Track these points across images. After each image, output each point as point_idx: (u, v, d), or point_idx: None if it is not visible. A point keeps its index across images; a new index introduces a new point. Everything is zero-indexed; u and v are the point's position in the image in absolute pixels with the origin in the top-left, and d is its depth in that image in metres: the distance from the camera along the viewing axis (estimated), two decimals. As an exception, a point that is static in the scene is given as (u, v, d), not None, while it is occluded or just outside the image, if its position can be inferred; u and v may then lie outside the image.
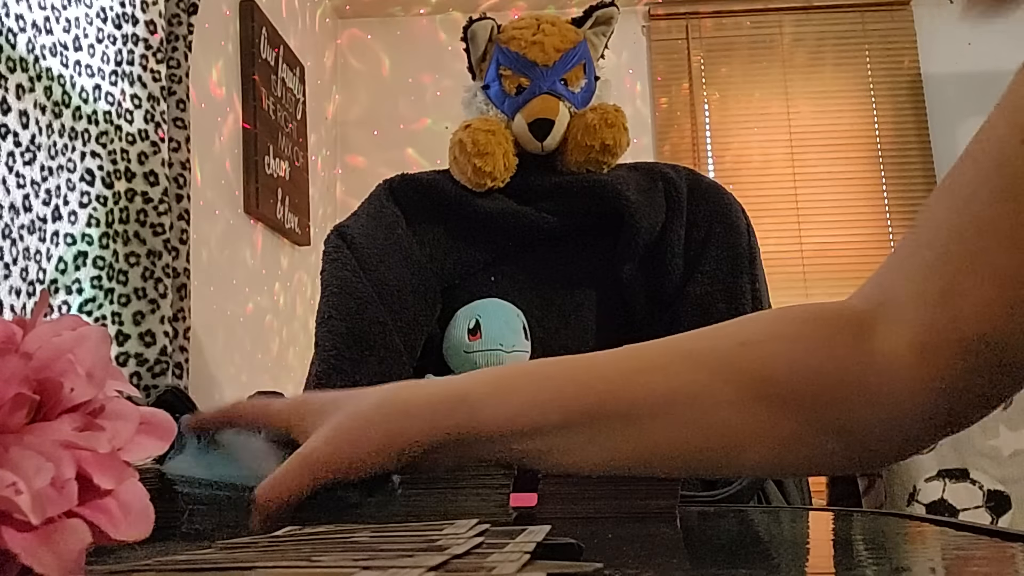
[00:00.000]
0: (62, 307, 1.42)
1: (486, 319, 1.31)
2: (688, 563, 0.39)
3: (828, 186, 3.17)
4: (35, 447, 0.25)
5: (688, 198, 1.40)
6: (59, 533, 0.25)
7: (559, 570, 0.25)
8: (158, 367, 1.54)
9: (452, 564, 0.26)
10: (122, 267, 1.54)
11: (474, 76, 1.49)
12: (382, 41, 3.34)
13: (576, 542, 0.32)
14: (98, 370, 0.29)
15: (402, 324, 1.30)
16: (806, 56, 3.26)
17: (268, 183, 2.36)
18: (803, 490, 1.31)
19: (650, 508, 0.67)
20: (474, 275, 1.41)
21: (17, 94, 1.30)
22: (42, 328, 0.29)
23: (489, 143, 1.34)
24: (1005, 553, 0.37)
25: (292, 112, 2.63)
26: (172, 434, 0.31)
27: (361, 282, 1.29)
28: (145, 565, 0.28)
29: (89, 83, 1.49)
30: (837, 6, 3.27)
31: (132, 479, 0.28)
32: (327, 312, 1.28)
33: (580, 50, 1.42)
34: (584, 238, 1.41)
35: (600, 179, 1.39)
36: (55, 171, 1.39)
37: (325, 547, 0.30)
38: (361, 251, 1.32)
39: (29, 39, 1.34)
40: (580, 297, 1.41)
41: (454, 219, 1.39)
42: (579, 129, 1.37)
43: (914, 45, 3.23)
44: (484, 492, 0.58)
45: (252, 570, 0.26)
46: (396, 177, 1.44)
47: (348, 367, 1.23)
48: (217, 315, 2.08)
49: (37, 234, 1.35)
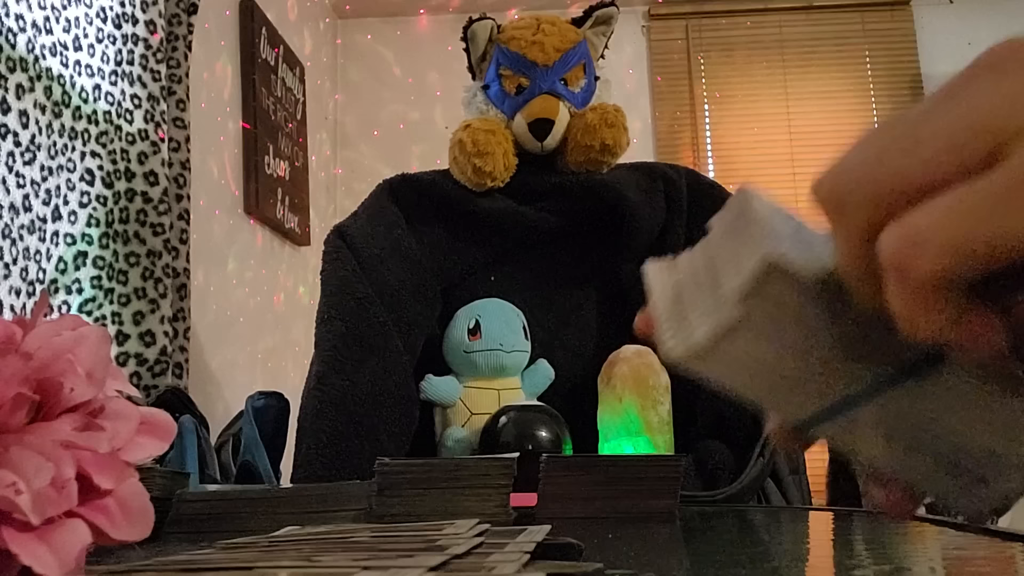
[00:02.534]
0: (62, 307, 1.42)
1: (486, 319, 1.31)
2: (688, 563, 0.39)
3: (828, 186, 3.16)
4: (35, 447, 0.25)
5: (688, 198, 1.40)
6: (59, 533, 0.25)
7: (559, 570, 0.25)
8: (158, 367, 1.54)
9: (452, 564, 0.25)
10: (122, 267, 1.54)
11: (474, 76, 1.49)
12: (382, 41, 3.34)
13: (576, 542, 0.32)
14: (98, 370, 0.29)
15: (402, 324, 1.30)
16: (806, 56, 3.26)
17: (268, 183, 2.36)
18: (803, 490, 1.31)
19: (650, 508, 0.67)
20: (474, 275, 1.41)
21: (17, 94, 1.30)
22: (42, 328, 0.29)
23: (489, 143, 1.34)
24: (1005, 553, 0.37)
25: (292, 112, 2.63)
26: (172, 434, 0.31)
27: (361, 282, 1.29)
28: (145, 565, 0.28)
29: (89, 83, 1.49)
30: (837, 6, 3.27)
31: (132, 479, 0.28)
32: (327, 312, 1.28)
33: (580, 50, 1.42)
34: (584, 238, 1.41)
35: (600, 179, 1.39)
36: (55, 171, 1.39)
37: (325, 547, 0.30)
38: (361, 251, 1.32)
39: (29, 39, 1.34)
40: (580, 297, 1.41)
41: (454, 219, 1.39)
42: (579, 129, 1.37)
43: (914, 45, 3.23)
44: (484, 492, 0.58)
45: (252, 570, 0.26)
46: (396, 177, 1.44)
47: (348, 367, 1.23)
48: (217, 315, 2.08)
49: (37, 234, 1.35)
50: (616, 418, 1.20)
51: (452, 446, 1.26)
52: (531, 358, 1.35)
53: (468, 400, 1.30)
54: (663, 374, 1.23)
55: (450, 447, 1.26)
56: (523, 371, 1.35)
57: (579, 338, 1.39)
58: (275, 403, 1.28)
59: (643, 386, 1.20)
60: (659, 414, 1.20)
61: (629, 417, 1.19)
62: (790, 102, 3.23)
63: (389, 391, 1.23)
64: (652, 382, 1.21)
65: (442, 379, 1.31)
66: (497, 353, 1.29)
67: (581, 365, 1.36)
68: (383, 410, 1.22)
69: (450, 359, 1.34)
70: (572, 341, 1.39)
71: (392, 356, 1.26)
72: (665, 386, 1.22)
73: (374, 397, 1.22)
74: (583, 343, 1.39)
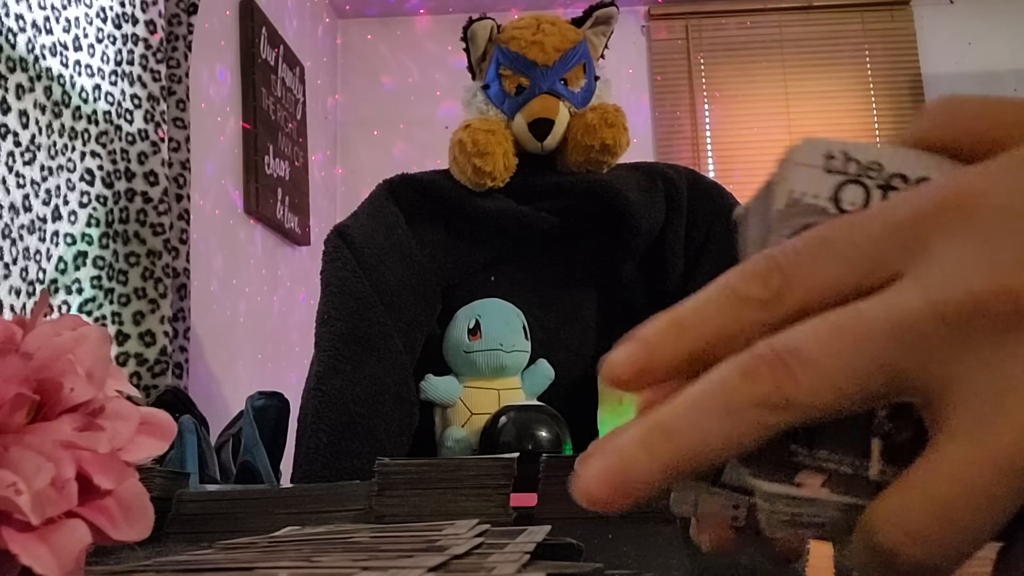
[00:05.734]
0: (62, 307, 1.42)
1: (486, 319, 1.31)
2: (688, 563, 0.39)
3: (828, 186, 3.17)
4: (35, 447, 0.25)
5: (688, 198, 1.40)
6: (59, 533, 0.25)
7: (559, 570, 0.25)
8: (158, 367, 1.54)
9: (452, 564, 0.25)
10: (122, 267, 1.54)
11: (474, 76, 1.49)
12: (382, 40, 3.34)
13: (576, 542, 0.32)
14: (98, 370, 0.29)
15: (402, 324, 1.30)
16: (806, 56, 3.26)
17: (268, 183, 2.36)
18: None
19: (650, 508, 0.67)
20: (474, 275, 1.41)
21: (17, 94, 1.30)
22: (42, 328, 0.29)
23: (489, 143, 1.34)
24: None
25: (292, 112, 2.63)
26: (172, 434, 0.31)
27: (361, 282, 1.29)
28: (145, 565, 0.28)
29: (89, 83, 1.49)
30: (837, 6, 3.27)
31: (132, 479, 0.28)
32: (327, 312, 1.28)
33: (580, 50, 1.42)
34: (584, 238, 1.41)
35: (600, 179, 1.39)
36: (55, 171, 1.39)
37: (325, 547, 0.30)
38: (361, 251, 1.32)
39: (29, 39, 1.34)
40: (580, 297, 1.41)
41: (454, 219, 1.39)
42: (579, 129, 1.37)
43: (914, 45, 3.23)
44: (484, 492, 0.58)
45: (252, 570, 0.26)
46: (396, 177, 1.44)
47: (348, 367, 1.23)
48: (217, 315, 2.08)
49: (37, 234, 1.35)
50: (616, 418, 1.20)
51: (452, 446, 1.26)
52: (531, 358, 1.35)
53: (468, 400, 1.30)
54: (663, 374, 1.23)
55: (450, 447, 1.26)
56: (523, 371, 1.35)
57: (579, 338, 1.39)
58: (275, 403, 1.28)
59: (643, 386, 1.20)
60: (659, 414, 1.20)
61: (629, 417, 1.19)
62: (790, 102, 3.23)
63: (389, 391, 1.23)
64: (652, 382, 1.21)
65: (442, 379, 1.31)
66: (497, 353, 1.29)
67: (581, 365, 1.36)
68: (383, 410, 1.22)
69: (450, 359, 1.34)
70: (572, 341, 1.39)
71: (392, 356, 1.26)
72: (665, 386, 1.22)
73: (374, 397, 1.22)
74: (583, 343, 1.39)
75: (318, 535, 0.34)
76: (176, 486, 0.65)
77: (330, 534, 0.34)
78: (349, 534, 0.34)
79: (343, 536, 0.33)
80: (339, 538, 0.33)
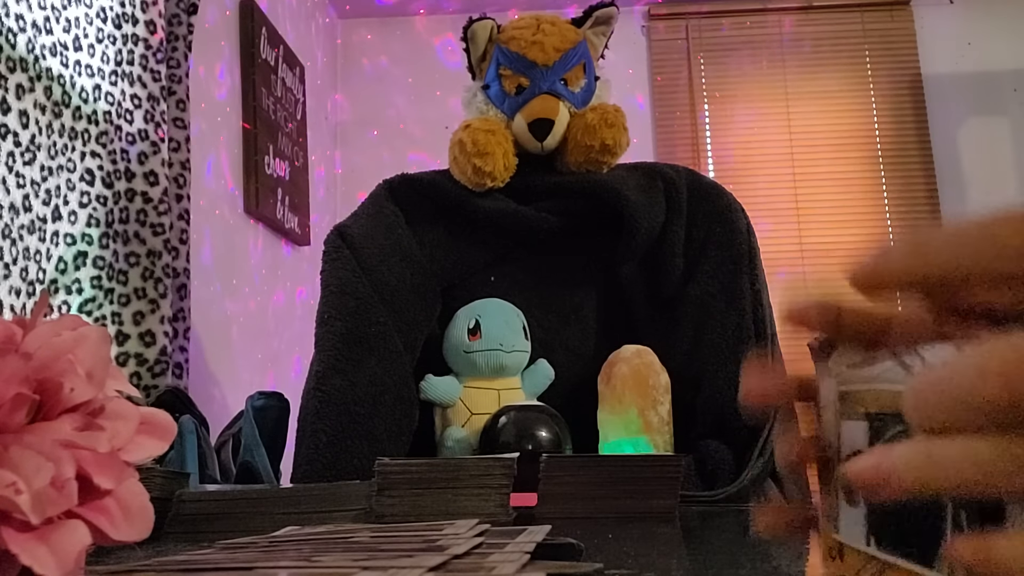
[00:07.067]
0: (62, 307, 1.42)
1: (486, 319, 1.31)
2: (688, 563, 0.39)
3: (828, 186, 3.17)
4: (35, 447, 0.25)
5: (688, 198, 1.40)
6: (59, 533, 0.25)
7: (559, 570, 0.25)
8: (158, 367, 1.53)
9: (452, 564, 0.25)
10: (122, 267, 1.54)
11: (474, 76, 1.49)
12: (382, 41, 3.34)
13: (576, 542, 0.32)
14: (98, 370, 0.29)
15: (402, 324, 1.30)
16: (806, 56, 3.26)
17: (268, 183, 2.36)
18: (803, 490, 1.31)
19: (650, 508, 0.67)
20: (474, 275, 1.41)
21: (17, 94, 1.30)
22: (42, 328, 0.29)
23: (489, 143, 1.34)
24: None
25: (292, 112, 2.62)
26: (172, 434, 0.31)
27: (361, 282, 1.29)
28: (145, 565, 0.28)
29: (89, 83, 1.49)
30: (837, 6, 3.27)
31: (132, 479, 0.28)
32: (327, 312, 1.28)
33: (580, 50, 1.42)
34: (584, 238, 1.41)
35: (600, 179, 1.39)
36: (55, 171, 1.39)
37: (325, 547, 0.30)
38: (361, 251, 1.32)
39: (29, 39, 1.34)
40: (580, 297, 1.41)
41: (454, 219, 1.39)
42: (579, 129, 1.37)
43: (914, 45, 3.23)
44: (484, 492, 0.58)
45: (252, 570, 0.26)
46: (396, 177, 1.44)
47: (348, 367, 1.23)
48: (217, 315, 2.08)
49: (37, 234, 1.35)
50: (616, 418, 1.20)
51: (452, 446, 1.26)
52: (531, 358, 1.35)
53: (468, 400, 1.30)
54: (663, 374, 1.23)
55: (450, 447, 1.26)
56: (523, 371, 1.35)
57: (579, 338, 1.39)
58: (275, 403, 1.28)
59: (643, 386, 1.20)
60: (659, 414, 1.20)
61: (629, 417, 1.19)
62: (790, 102, 3.23)
63: (389, 391, 1.23)
64: (652, 382, 1.21)
65: (442, 379, 1.31)
66: (497, 353, 1.29)
67: (581, 365, 1.36)
68: (383, 410, 1.22)
69: (450, 359, 1.34)
70: (572, 341, 1.39)
71: (392, 356, 1.26)
72: (665, 386, 1.22)
73: (374, 397, 1.22)
74: (583, 343, 1.39)
75: (318, 535, 0.34)
76: (176, 486, 0.65)
77: (330, 534, 0.34)
78: (349, 534, 0.34)
79: (343, 536, 0.33)
80: (339, 538, 0.33)
